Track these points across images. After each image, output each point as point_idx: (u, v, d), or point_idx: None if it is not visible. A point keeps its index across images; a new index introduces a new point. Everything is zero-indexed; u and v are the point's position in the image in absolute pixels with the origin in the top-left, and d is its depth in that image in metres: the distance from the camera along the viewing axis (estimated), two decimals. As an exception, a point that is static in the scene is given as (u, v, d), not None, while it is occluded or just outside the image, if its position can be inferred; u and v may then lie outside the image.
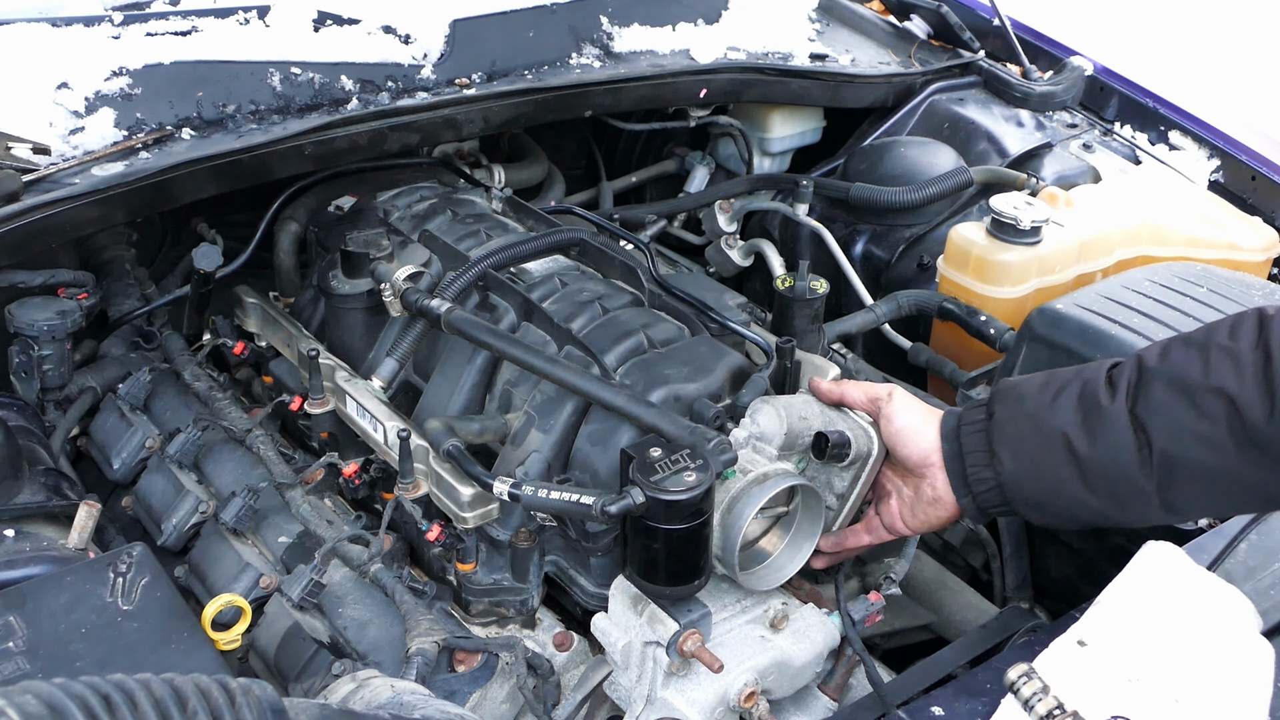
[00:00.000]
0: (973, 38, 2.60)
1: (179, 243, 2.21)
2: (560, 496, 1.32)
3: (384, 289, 1.69)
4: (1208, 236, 2.12)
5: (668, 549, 1.25)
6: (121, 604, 1.27)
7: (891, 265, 2.25)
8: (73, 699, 0.73)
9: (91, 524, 1.47)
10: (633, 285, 1.69)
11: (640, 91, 2.17)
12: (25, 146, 1.66)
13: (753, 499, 1.29)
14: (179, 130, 1.79)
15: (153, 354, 1.94)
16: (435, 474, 1.47)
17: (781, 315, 1.71)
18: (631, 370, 1.49)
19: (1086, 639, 1.12)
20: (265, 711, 0.81)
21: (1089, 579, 1.56)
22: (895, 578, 1.53)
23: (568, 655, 1.45)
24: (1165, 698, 1.06)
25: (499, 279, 1.66)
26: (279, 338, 1.86)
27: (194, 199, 1.78)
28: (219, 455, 1.74)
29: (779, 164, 2.63)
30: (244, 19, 1.95)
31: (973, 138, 2.41)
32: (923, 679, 1.38)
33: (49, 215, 1.60)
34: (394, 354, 1.64)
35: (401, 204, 1.94)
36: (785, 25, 2.47)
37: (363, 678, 1.20)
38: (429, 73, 2.00)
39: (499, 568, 1.49)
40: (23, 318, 1.74)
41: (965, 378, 1.85)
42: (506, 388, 1.59)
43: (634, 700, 1.31)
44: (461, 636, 1.42)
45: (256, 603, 1.50)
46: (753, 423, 1.40)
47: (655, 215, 2.46)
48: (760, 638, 1.34)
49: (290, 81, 1.88)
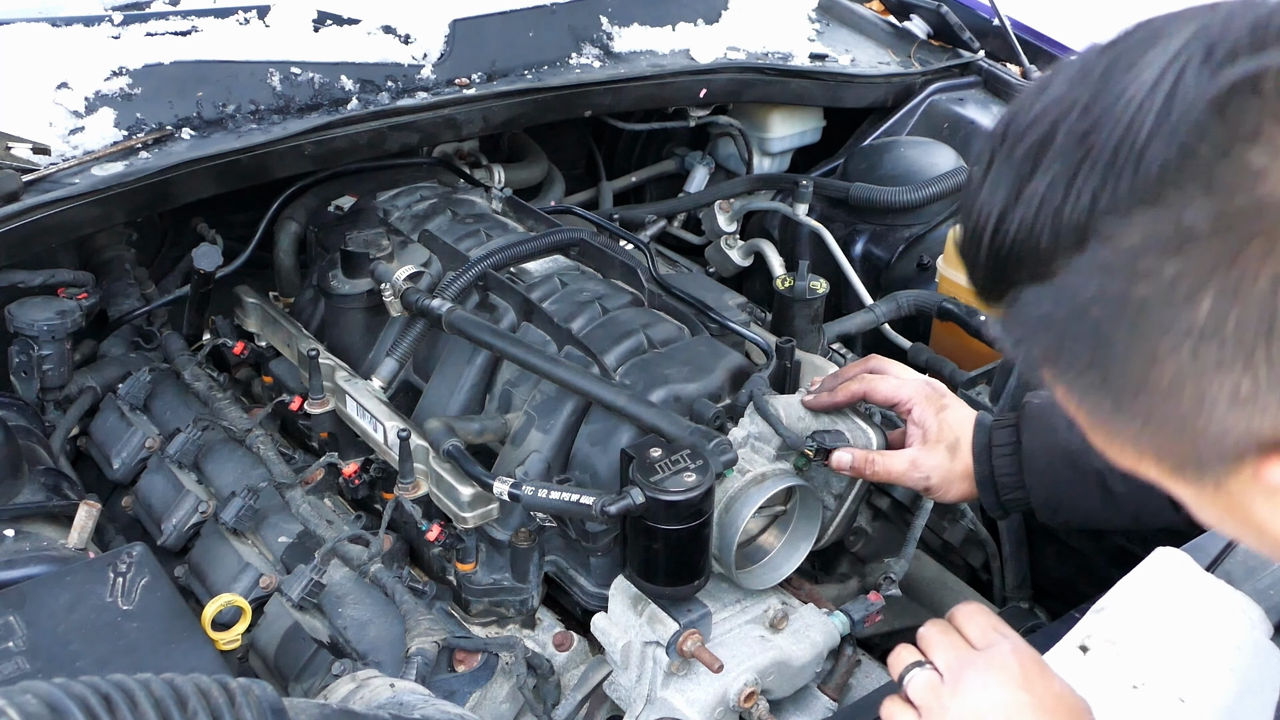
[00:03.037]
0: (973, 38, 2.60)
1: (179, 243, 2.21)
2: (560, 496, 1.32)
3: (384, 289, 1.69)
4: (1207, 236, 2.12)
5: (667, 549, 1.26)
6: (121, 604, 1.27)
7: (891, 265, 2.25)
8: (73, 699, 0.73)
9: (91, 524, 1.47)
10: (633, 285, 1.69)
11: (640, 91, 2.17)
12: (25, 146, 1.66)
13: (751, 499, 1.29)
14: (179, 130, 1.79)
15: (153, 354, 1.94)
16: (435, 474, 1.47)
17: (781, 315, 1.71)
18: (631, 370, 1.49)
19: (1090, 644, 1.12)
20: (265, 711, 0.81)
21: (1089, 579, 1.56)
22: (895, 578, 1.54)
23: (568, 655, 1.45)
24: (1170, 700, 1.06)
25: (499, 279, 1.66)
26: (279, 338, 1.86)
27: (194, 199, 1.78)
28: (219, 455, 1.74)
29: (779, 164, 2.63)
30: (244, 19, 1.95)
31: (973, 138, 2.41)
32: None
33: (49, 215, 1.60)
34: (394, 354, 1.64)
35: (401, 204, 1.94)
36: (785, 25, 2.47)
37: (362, 678, 1.20)
38: (429, 73, 2.00)
39: (499, 568, 1.49)
40: (23, 318, 1.74)
41: (965, 378, 1.85)
42: (506, 388, 1.59)
43: (634, 700, 1.32)
44: (461, 636, 1.42)
45: (256, 603, 1.50)
46: (751, 422, 1.40)
47: (655, 215, 2.46)
48: (760, 638, 1.34)
49: (290, 81, 1.88)
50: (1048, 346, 0.66)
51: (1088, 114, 0.61)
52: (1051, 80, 0.66)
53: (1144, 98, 0.59)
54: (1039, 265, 0.64)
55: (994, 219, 0.65)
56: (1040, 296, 0.65)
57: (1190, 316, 0.58)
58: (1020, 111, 0.66)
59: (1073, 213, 0.61)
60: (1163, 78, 0.59)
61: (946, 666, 0.97)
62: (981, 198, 0.66)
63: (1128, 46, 0.63)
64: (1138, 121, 0.59)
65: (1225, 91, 0.57)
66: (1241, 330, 0.57)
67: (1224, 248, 0.57)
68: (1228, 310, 0.57)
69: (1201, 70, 0.58)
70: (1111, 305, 0.61)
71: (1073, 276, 0.62)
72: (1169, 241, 0.58)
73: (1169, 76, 0.59)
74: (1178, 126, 0.57)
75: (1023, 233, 0.64)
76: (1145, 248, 0.59)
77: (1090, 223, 0.61)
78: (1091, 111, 0.61)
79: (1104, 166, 0.60)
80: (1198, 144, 0.57)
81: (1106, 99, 0.61)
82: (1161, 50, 0.60)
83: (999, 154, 0.66)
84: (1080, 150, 0.61)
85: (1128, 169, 0.59)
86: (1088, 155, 0.61)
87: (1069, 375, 0.66)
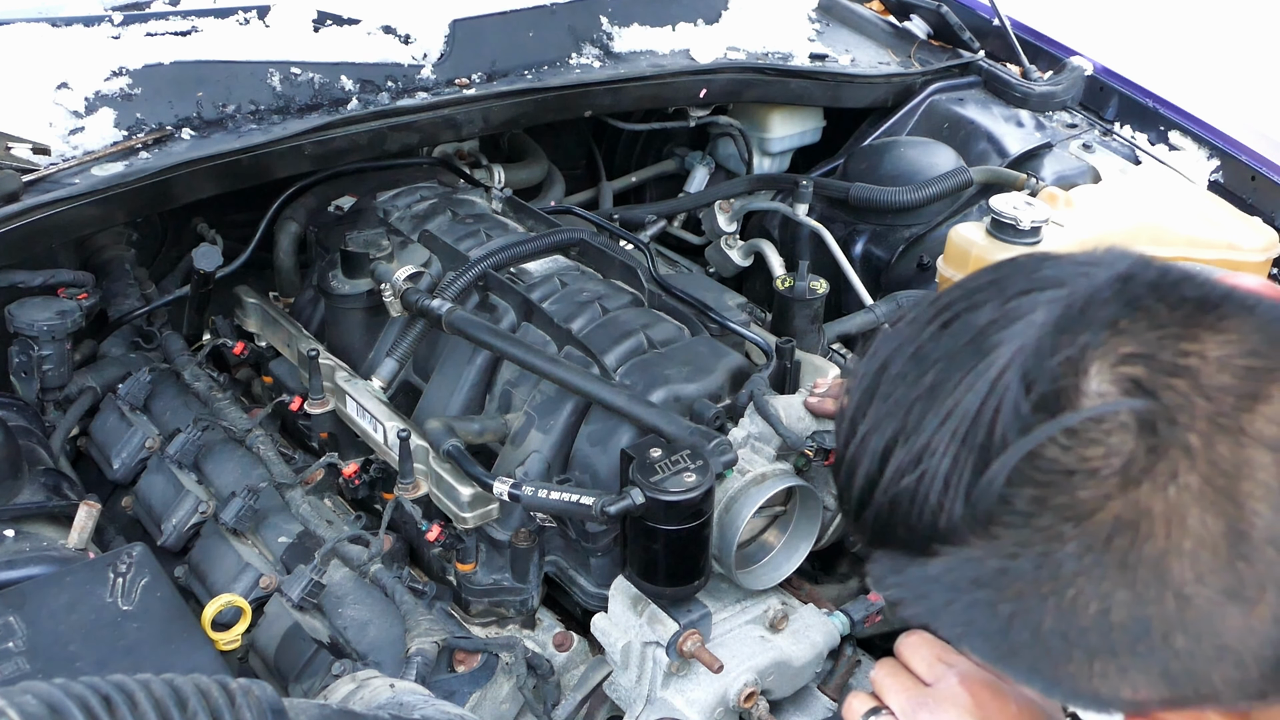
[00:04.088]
0: (973, 38, 2.60)
1: (179, 243, 2.21)
2: (560, 497, 1.32)
3: (384, 289, 1.69)
4: (1207, 237, 2.12)
5: (667, 549, 1.25)
6: (121, 604, 1.27)
7: (891, 265, 2.25)
8: (73, 699, 0.73)
9: (91, 524, 1.47)
10: (633, 285, 1.69)
11: (640, 91, 2.17)
12: (25, 146, 1.66)
13: (751, 499, 1.29)
14: (179, 130, 1.79)
15: (153, 354, 1.94)
16: (435, 474, 1.47)
17: (781, 315, 1.71)
18: (631, 370, 1.49)
19: None
20: (265, 711, 0.81)
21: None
22: (895, 578, 1.53)
23: (568, 655, 1.45)
24: None
25: (499, 279, 1.66)
26: (279, 338, 1.86)
27: (194, 199, 1.78)
28: (219, 455, 1.74)
29: (779, 164, 2.63)
30: (244, 19, 1.95)
31: (972, 138, 2.41)
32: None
33: (49, 215, 1.60)
34: (394, 354, 1.64)
35: (401, 204, 1.94)
36: (785, 25, 2.47)
37: (362, 678, 1.20)
38: (429, 73, 2.00)
39: (499, 568, 1.49)
40: (23, 318, 1.74)
41: (965, 378, 1.85)
42: (506, 388, 1.59)
43: (634, 700, 1.32)
44: (461, 636, 1.42)
45: (256, 603, 1.50)
46: (751, 423, 1.40)
47: (655, 215, 2.46)
48: (760, 638, 1.34)
49: (290, 81, 1.88)
50: (916, 616, 0.70)
51: (919, 431, 0.64)
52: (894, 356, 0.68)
53: (966, 431, 0.62)
54: (900, 549, 0.67)
55: (856, 499, 0.69)
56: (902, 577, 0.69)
57: (1034, 630, 0.63)
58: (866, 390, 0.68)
59: (918, 524, 0.65)
60: (983, 409, 0.62)
61: (900, 710, 0.99)
62: (844, 470, 0.70)
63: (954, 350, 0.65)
64: (962, 457, 0.62)
65: (1042, 443, 0.60)
66: (1084, 641, 0.62)
67: (1053, 584, 0.61)
68: (1067, 627, 0.62)
69: (1020, 406, 0.61)
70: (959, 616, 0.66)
71: (925, 574, 0.66)
72: (1001, 576, 0.62)
73: (988, 409, 0.62)
74: (997, 475, 0.61)
75: (881, 522, 0.68)
76: (981, 579, 0.63)
77: (932, 539, 0.64)
78: (922, 430, 0.64)
79: (938, 493, 0.63)
80: (1019, 492, 0.60)
81: (935, 418, 0.64)
82: (984, 370, 0.62)
83: (855, 435, 0.69)
84: (916, 472, 0.64)
85: (958, 503, 0.62)
86: (922, 478, 0.64)
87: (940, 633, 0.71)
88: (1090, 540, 0.59)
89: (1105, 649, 0.62)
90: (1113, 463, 0.58)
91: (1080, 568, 0.60)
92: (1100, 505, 0.59)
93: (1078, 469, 0.59)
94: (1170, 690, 0.64)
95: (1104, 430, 0.59)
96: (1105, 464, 0.59)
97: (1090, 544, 0.60)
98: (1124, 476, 0.58)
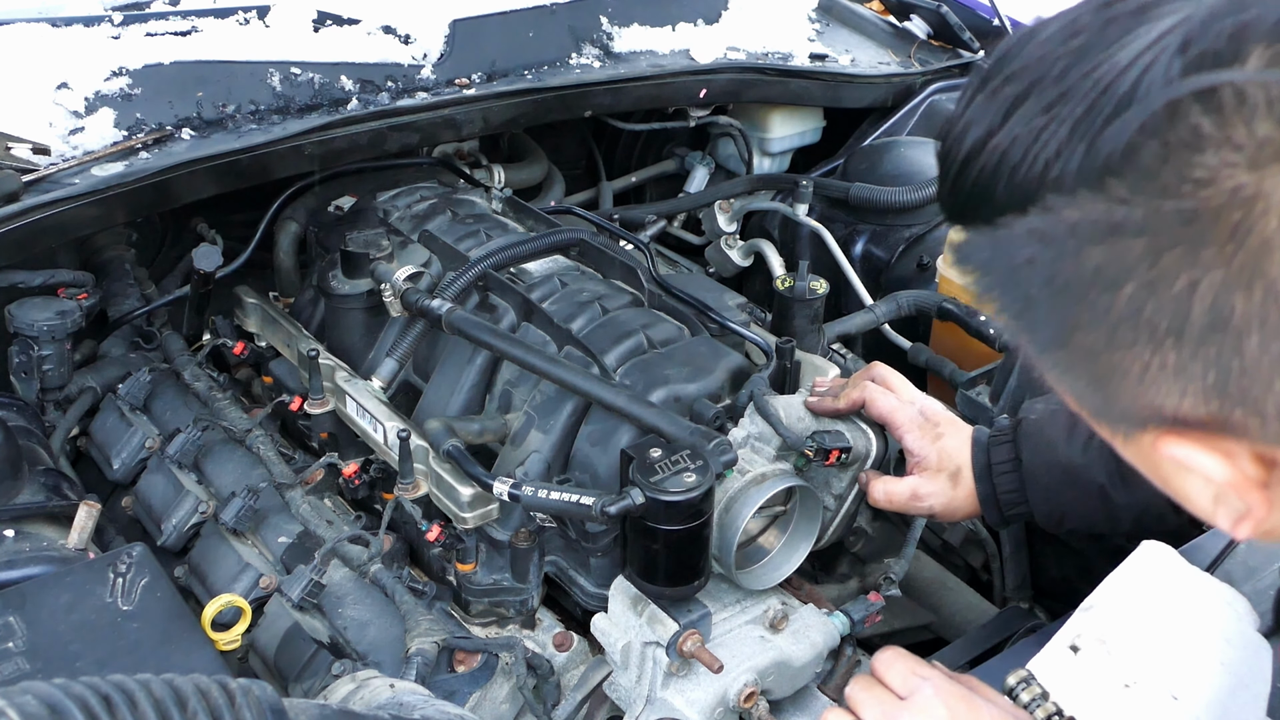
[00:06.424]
0: (973, 38, 2.60)
1: (179, 243, 2.21)
2: (560, 497, 1.32)
3: (384, 289, 1.69)
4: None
5: (667, 549, 1.25)
6: (121, 604, 1.27)
7: (891, 265, 2.25)
8: (73, 699, 0.73)
9: (91, 524, 1.47)
10: (633, 285, 1.69)
11: (640, 91, 2.17)
12: (25, 146, 1.66)
13: (750, 499, 1.29)
14: (179, 130, 1.79)
15: (153, 354, 1.94)
16: (435, 474, 1.47)
17: (781, 315, 1.71)
18: (631, 370, 1.49)
19: (1080, 644, 1.11)
20: (265, 712, 0.81)
21: (1088, 579, 1.55)
22: (895, 578, 1.53)
23: (567, 655, 1.45)
24: (1163, 697, 1.06)
25: (499, 279, 1.66)
26: (279, 338, 1.86)
27: (194, 199, 1.78)
28: (219, 455, 1.74)
29: (779, 164, 2.63)
30: (244, 19, 1.95)
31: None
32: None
33: (49, 215, 1.59)
34: (394, 354, 1.64)
35: (401, 204, 1.94)
36: (785, 25, 2.47)
37: (362, 678, 1.20)
38: (429, 73, 2.00)
39: (499, 568, 1.49)
40: (22, 318, 1.74)
41: (965, 378, 1.85)
42: (506, 388, 1.59)
43: (634, 700, 1.31)
44: (461, 636, 1.42)
45: (256, 603, 1.50)
46: (751, 423, 1.40)
47: (655, 215, 2.46)
48: (760, 638, 1.34)
49: (290, 81, 1.88)
50: (985, 288, 0.69)
51: (1060, 81, 0.63)
52: (1045, 27, 0.67)
53: (1111, 81, 0.61)
54: (991, 213, 0.66)
55: (962, 157, 0.67)
56: (982, 243, 0.68)
57: (1110, 300, 0.62)
58: (1009, 53, 0.67)
59: (1026, 175, 0.63)
60: (1134, 64, 0.60)
61: None
62: (957, 129, 0.68)
63: (1116, 15, 0.64)
64: (1099, 105, 0.61)
65: (1184, 97, 0.58)
66: (1154, 322, 0.61)
67: (1149, 248, 0.60)
68: (1144, 302, 0.61)
69: (1171, 65, 0.59)
70: (1039, 273, 0.64)
71: (1012, 234, 0.65)
72: (1100, 230, 0.61)
73: (1139, 65, 0.60)
74: (1131, 121, 0.59)
75: (984, 178, 0.66)
76: (1078, 230, 0.61)
77: (1038, 190, 0.63)
78: (1064, 80, 0.63)
79: (1061, 140, 0.62)
80: (1147, 142, 0.59)
81: (1080, 70, 0.62)
82: (1144, 32, 0.61)
83: (984, 90, 0.67)
84: (1044, 118, 0.63)
85: (1080, 149, 0.61)
86: (1049, 124, 0.62)
87: (1004, 316, 0.70)
88: (1202, 207, 0.58)
89: (1175, 334, 0.60)
90: (1249, 140, 0.57)
91: (1183, 235, 0.58)
92: (1224, 176, 0.57)
93: (1213, 135, 0.57)
94: (1218, 403, 0.62)
95: (1249, 108, 0.57)
96: (1241, 138, 0.57)
97: (1200, 211, 0.58)
98: (1256, 155, 0.57)
